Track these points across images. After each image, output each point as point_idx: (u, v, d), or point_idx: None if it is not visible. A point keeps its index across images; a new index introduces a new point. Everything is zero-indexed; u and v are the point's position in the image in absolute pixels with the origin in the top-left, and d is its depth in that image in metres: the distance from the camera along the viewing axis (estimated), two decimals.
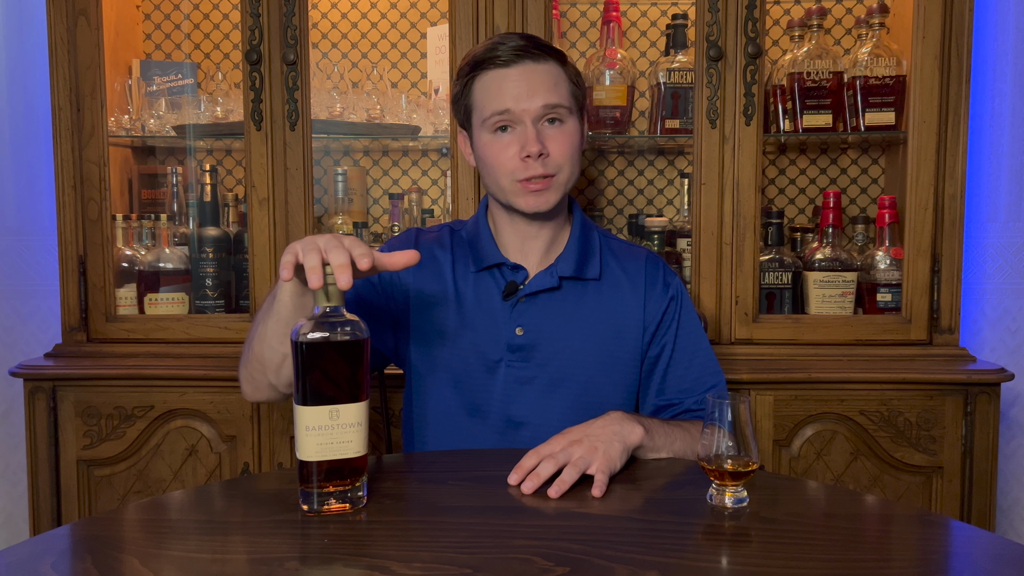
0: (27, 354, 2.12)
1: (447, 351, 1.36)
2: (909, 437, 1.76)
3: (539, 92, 1.29)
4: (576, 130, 1.33)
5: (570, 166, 1.32)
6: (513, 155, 1.30)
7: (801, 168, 2.17)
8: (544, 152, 1.29)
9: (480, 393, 1.35)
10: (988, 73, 2.03)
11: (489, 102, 1.31)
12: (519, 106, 1.29)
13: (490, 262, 1.37)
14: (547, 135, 1.30)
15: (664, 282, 1.41)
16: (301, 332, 1.00)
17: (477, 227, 1.41)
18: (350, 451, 1.01)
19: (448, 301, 1.37)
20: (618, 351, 1.38)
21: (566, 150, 1.31)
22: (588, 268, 1.38)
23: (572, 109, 1.33)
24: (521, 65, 1.30)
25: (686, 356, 1.40)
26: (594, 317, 1.37)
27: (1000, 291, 2.06)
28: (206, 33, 2.21)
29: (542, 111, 1.29)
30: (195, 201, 1.98)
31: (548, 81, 1.30)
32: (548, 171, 1.30)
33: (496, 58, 1.30)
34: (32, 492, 1.82)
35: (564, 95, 1.31)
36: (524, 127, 1.29)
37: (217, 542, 0.96)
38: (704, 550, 0.94)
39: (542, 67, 1.30)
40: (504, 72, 1.30)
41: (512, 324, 1.35)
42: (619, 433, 1.17)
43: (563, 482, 1.09)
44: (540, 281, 1.36)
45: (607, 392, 1.37)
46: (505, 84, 1.30)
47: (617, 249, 1.44)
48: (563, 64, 1.34)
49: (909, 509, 1.20)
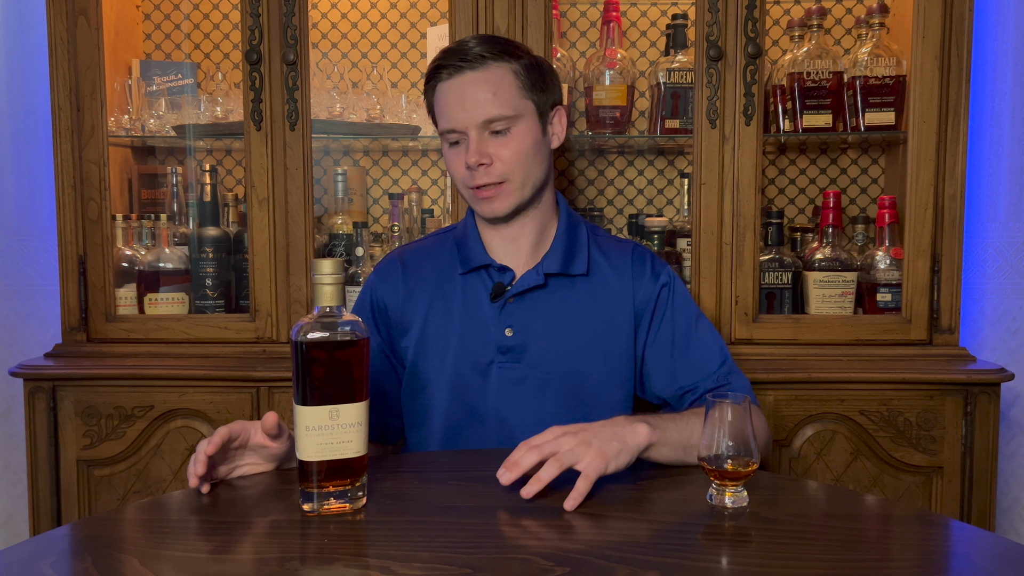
0: (27, 354, 2.11)
1: (439, 358, 1.36)
2: (909, 437, 1.76)
3: (479, 106, 1.29)
4: (528, 132, 1.32)
5: (521, 171, 1.31)
6: (461, 164, 1.32)
7: (801, 168, 2.17)
8: (486, 161, 1.29)
9: (474, 397, 1.35)
10: (988, 73, 2.03)
11: (440, 118, 1.34)
12: (459, 120, 1.30)
13: (476, 263, 1.37)
14: (491, 142, 1.31)
15: (652, 272, 1.40)
16: (301, 332, 1.00)
17: (465, 230, 1.41)
18: (350, 451, 1.01)
19: (437, 309, 1.38)
20: (609, 346, 1.37)
21: (511, 155, 1.30)
22: (575, 264, 1.38)
23: (523, 112, 1.31)
24: (461, 76, 1.30)
25: (688, 340, 1.38)
26: (583, 313, 1.37)
27: (1000, 291, 2.06)
28: (206, 33, 2.21)
29: (483, 124, 1.29)
30: (195, 201, 1.98)
31: (487, 91, 1.29)
32: (492, 179, 1.30)
33: (443, 70, 1.31)
34: (32, 492, 1.82)
35: (508, 102, 1.29)
36: (468, 138, 1.30)
37: (217, 542, 0.96)
38: (704, 550, 0.94)
39: (483, 75, 1.29)
40: (448, 85, 1.31)
41: (502, 325, 1.35)
42: (619, 433, 1.10)
43: (539, 480, 1.04)
44: (527, 280, 1.36)
45: (601, 388, 1.36)
46: (449, 98, 1.31)
47: (604, 244, 1.43)
48: (515, 63, 1.32)
49: (909, 509, 1.20)
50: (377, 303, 1.41)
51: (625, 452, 1.10)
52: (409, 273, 1.41)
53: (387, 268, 1.43)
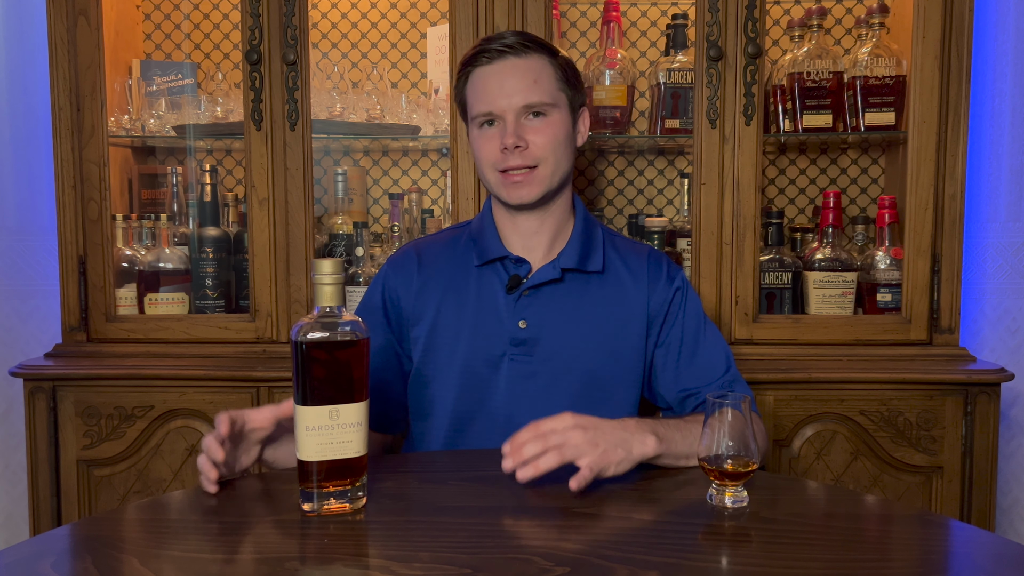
0: (27, 354, 2.11)
1: (450, 351, 1.36)
2: (909, 437, 1.76)
3: (520, 90, 1.30)
4: (562, 122, 1.34)
5: (553, 158, 1.32)
6: (495, 147, 1.32)
7: (801, 168, 2.17)
8: (522, 144, 1.30)
9: (484, 390, 1.35)
10: (988, 73, 2.03)
11: (476, 101, 1.34)
12: (499, 105, 1.31)
13: (493, 255, 1.37)
14: (528, 128, 1.32)
15: (668, 275, 1.42)
16: (301, 332, 1.00)
17: (482, 223, 1.42)
18: (350, 451, 1.01)
19: (450, 303, 1.38)
20: (621, 345, 1.38)
21: (547, 142, 1.31)
22: (591, 261, 1.38)
23: (558, 103, 1.33)
24: (504, 61, 1.32)
25: (696, 345, 1.39)
26: (597, 310, 1.37)
27: (1000, 291, 2.06)
28: (206, 33, 2.21)
29: (522, 109, 1.31)
30: (195, 201, 1.98)
31: (529, 77, 1.31)
32: (527, 163, 1.31)
33: (482, 55, 1.33)
34: (32, 492, 1.82)
35: (547, 91, 1.32)
36: (505, 122, 1.31)
37: (217, 542, 0.96)
38: (704, 550, 0.94)
39: (525, 62, 1.31)
40: (488, 69, 1.32)
41: (515, 317, 1.35)
42: (627, 441, 1.11)
43: (536, 467, 1.06)
44: (543, 274, 1.36)
45: (611, 387, 1.37)
46: (489, 82, 1.32)
47: (620, 245, 1.45)
48: (553, 57, 1.34)
49: (909, 509, 1.20)
50: (389, 293, 1.41)
51: (627, 462, 1.12)
52: (424, 266, 1.41)
53: (402, 259, 1.43)
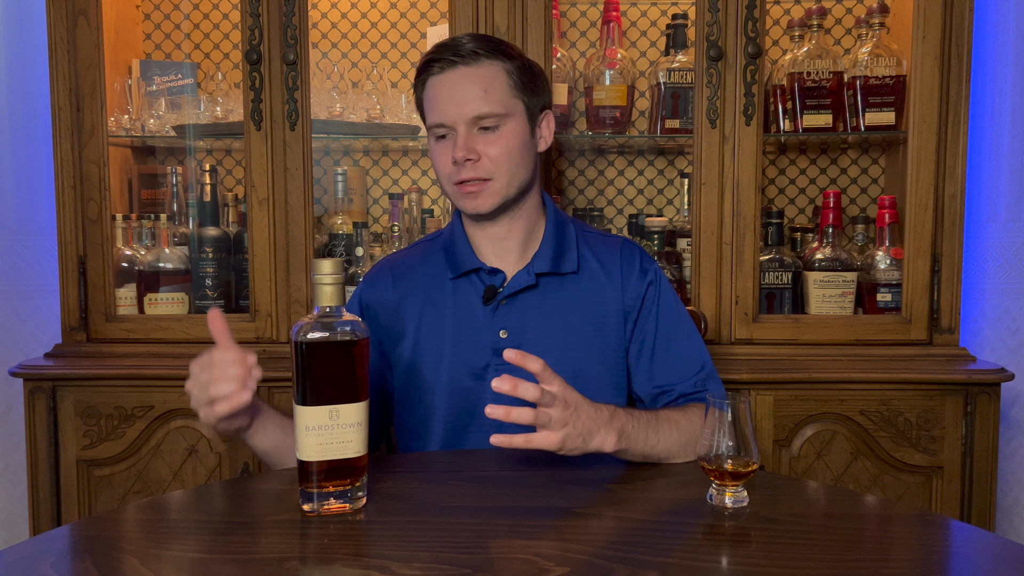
0: (27, 354, 2.11)
1: (435, 365, 1.36)
2: (909, 437, 1.76)
3: (469, 100, 1.28)
4: (516, 132, 1.31)
5: (507, 169, 1.30)
6: (448, 159, 1.31)
7: (801, 168, 2.17)
8: (473, 156, 1.29)
9: (473, 401, 1.34)
10: (988, 73, 2.03)
11: (429, 112, 1.33)
12: (449, 116, 1.29)
13: (467, 267, 1.36)
14: (480, 139, 1.30)
15: (641, 268, 1.40)
16: (301, 332, 1.00)
17: (453, 234, 1.40)
18: (350, 451, 1.01)
19: (429, 316, 1.37)
20: (602, 342, 1.37)
21: (499, 154, 1.29)
22: (564, 262, 1.37)
23: (513, 112, 1.31)
24: (454, 71, 1.29)
25: (670, 341, 1.38)
26: (575, 310, 1.37)
27: (1000, 291, 2.06)
28: (206, 33, 2.21)
29: (473, 120, 1.29)
30: (195, 201, 1.98)
31: (479, 87, 1.28)
32: (479, 175, 1.30)
33: (434, 63, 1.31)
34: (32, 492, 1.82)
35: (499, 100, 1.29)
36: (457, 133, 1.30)
37: (217, 542, 0.96)
38: (704, 550, 0.94)
39: (476, 71, 1.29)
40: (440, 79, 1.31)
41: (496, 328, 1.34)
42: (592, 433, 1.11)
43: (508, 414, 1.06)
44: (518, 281, 1.35)
45: (596, 385, 1.35)
46: (440, 92, 1.30)
47: (593, 241, 1.43)
48: (508, 60, 1.31)
49: (909, 509, 1.20)
50: (367, 312, 1.40)
51: (577, 451, 1.12)
52: (399, 281, 1.40)
53: (376, 276, 1.42)
